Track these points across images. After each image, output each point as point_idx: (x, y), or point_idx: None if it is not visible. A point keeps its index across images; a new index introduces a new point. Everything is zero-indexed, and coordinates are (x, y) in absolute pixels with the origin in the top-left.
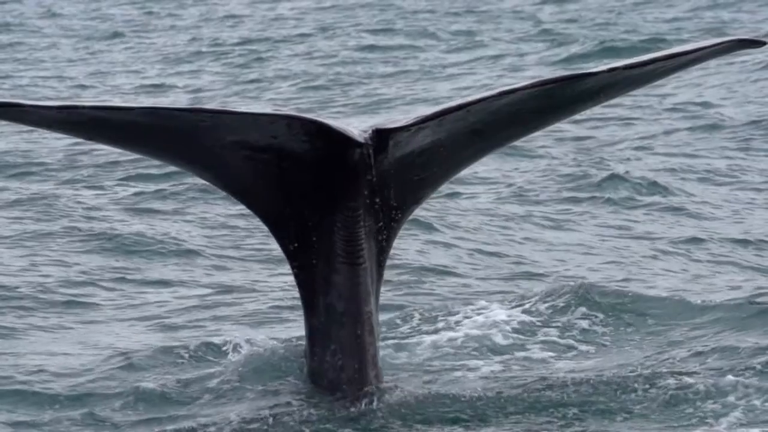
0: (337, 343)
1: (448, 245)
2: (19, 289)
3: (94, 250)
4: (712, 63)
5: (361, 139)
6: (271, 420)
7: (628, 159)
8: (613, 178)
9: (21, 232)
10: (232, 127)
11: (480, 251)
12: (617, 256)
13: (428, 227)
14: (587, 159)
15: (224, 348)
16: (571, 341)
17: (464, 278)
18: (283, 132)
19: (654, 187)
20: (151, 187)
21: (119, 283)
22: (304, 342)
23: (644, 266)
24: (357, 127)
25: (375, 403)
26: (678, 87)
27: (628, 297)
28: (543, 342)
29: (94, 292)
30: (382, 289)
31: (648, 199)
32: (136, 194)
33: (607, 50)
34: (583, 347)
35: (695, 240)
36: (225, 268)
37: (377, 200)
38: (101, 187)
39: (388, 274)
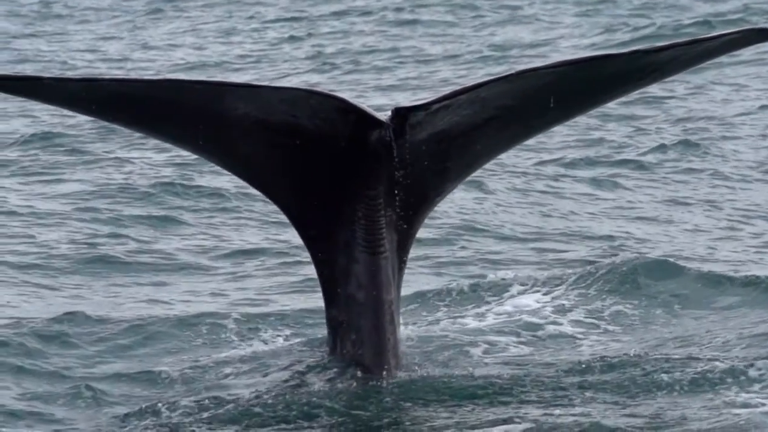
0: (357, 333)
1: (487, 212)
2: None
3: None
4: None
5: (381, 119)
6: (291, 408)
7: (673, 134)
8: (661, 148)
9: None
10: (247, 101)
11: (519, 218)
12: (661, 230)
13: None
14: (634, 131)
15: (245, 336)
16: (600, 321)
17: (500, 245)
18: (300, 107)
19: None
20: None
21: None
22: (325, 332)
23: (687, 242)
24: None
25: (394, 392)
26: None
27: (669, 273)
28: (572, 321)
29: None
30: (406, 275)
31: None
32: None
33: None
34: (612, 327)
35: (745, 218)
36: (246, 255)
37: (398, 190)
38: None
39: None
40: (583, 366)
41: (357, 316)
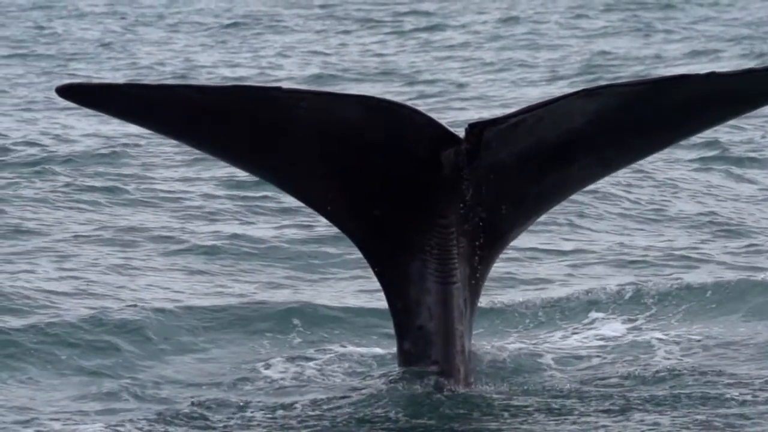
0: (427, 362)
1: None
2: None
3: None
4: None
5: (457, 135)
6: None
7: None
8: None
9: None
10: (309, 107)
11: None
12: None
13: None
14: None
15: (318, 357)
16: (680, 338)
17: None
18: (365, 117)
19: None
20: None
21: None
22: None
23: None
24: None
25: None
26: None
27: (752, 290)
28: (650, 337)
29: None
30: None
31: None
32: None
33: None
34: (691, 344)
35: None
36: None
37: (472, 217)
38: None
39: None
40: (656, 382)
41: (428, 347)
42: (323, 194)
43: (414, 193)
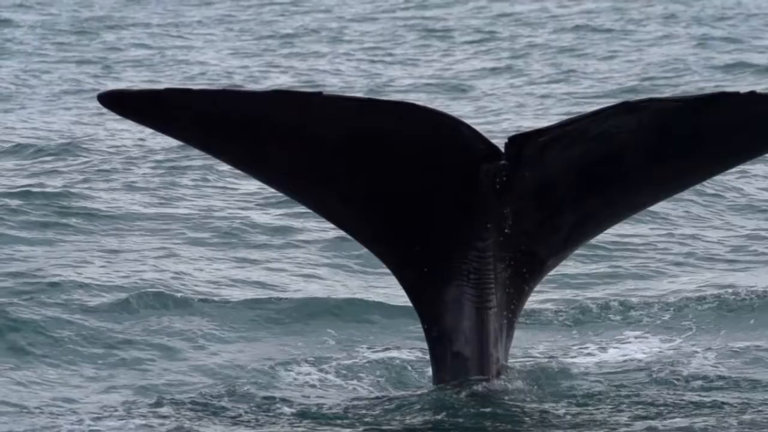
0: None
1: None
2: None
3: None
4: None
5: (499, 149)
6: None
7: None
8: None
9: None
10: (339, 114)
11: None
12: None
13: None
14: None
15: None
16: (710, 352)
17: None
18: (398, 123)
19: None
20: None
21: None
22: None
23: None
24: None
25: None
26: None
27: None
28: (681, 350)
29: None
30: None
31: None
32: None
33: None
34: (721, 358)
35: None
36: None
37: (510, 240)
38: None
39: None
40: (684, 391)
41: (462, 370)
42: (354, 212)
43: (452, 212)
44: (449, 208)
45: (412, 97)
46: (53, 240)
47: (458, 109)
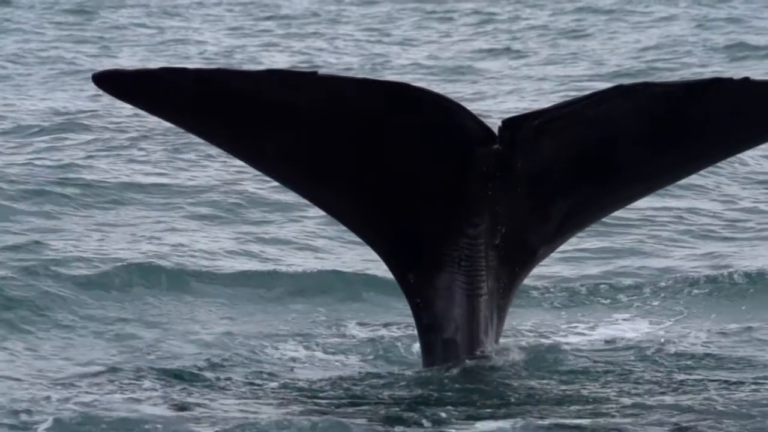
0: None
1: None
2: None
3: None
4: None
5: (493, 132)
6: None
7: None
8: None
9: None
10: (328, 93)
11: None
12: None
13: None
14: None
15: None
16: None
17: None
18: (389, 105)
19: None
20: None
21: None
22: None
23: None
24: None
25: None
26: None
27: None
28: (675, 336)
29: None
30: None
31: None
32: None
33: None
34: (715, 342)
35: None
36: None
37: (502, 227)
38: None
39: None
40: (673, 369)
41: (453, 358)
42: (344, 196)
43: (444, 197)
44: (441, 193)
45: (409, 78)
46: (51, 213)
47: (456, 90)
